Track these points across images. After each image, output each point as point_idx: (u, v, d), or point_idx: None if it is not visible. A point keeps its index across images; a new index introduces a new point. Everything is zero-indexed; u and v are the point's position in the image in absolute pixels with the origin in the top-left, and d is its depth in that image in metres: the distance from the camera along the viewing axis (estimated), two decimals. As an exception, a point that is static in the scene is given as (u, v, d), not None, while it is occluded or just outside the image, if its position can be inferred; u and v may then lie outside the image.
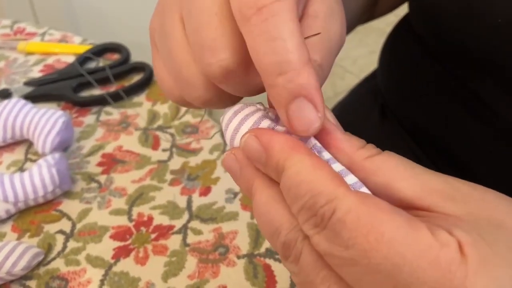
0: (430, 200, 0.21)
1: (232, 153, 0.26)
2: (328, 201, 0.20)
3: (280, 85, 0.22)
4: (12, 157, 0.54)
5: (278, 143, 0.23)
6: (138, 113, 0.58)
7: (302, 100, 0.22)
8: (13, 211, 0.47)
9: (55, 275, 0.43)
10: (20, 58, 0.68)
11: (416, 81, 0.47)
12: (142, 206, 0.48)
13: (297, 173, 0.22)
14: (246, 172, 0.25)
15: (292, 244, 0.23)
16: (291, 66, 0.22)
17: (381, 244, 0.19)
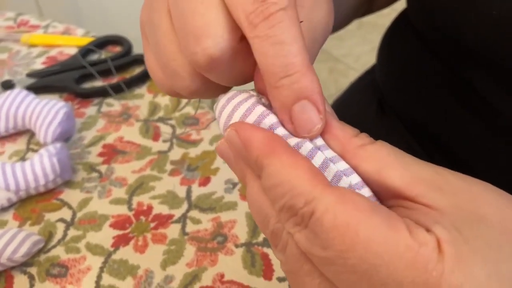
0: (417, 190, 0.22)
1: (225, 140, 0.26)
2: (306, 202, 0.21)
3: (285, 86, 0.23)
4: (14, 147, 0.54)
5: (256, 140, 0.23)
6: (139, 104, 0.59)
7: (305, 102, 0.23)
8: (14, 200, 0.47)
9: (56, 262, 0.43)
10: (23, 50, 0.68)
11: (414, 76, 0.47)
12: (142, 196, 0.48)
13: (274, 173, 0.22)
14: (238, 161, 0.25)
15: (279, 234, 0.23)
16: (296, 68, 0.22)
17: (357, 244, 0.19)
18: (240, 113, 0.25)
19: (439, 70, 0.43)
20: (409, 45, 0.48)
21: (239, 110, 0.25)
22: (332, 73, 2.00)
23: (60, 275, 0.42)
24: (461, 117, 0.41)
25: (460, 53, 0.40)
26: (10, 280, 0.42)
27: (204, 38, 0.24)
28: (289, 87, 0.23)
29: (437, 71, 0.43)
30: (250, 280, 0.41)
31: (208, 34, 0.24)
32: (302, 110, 0.23)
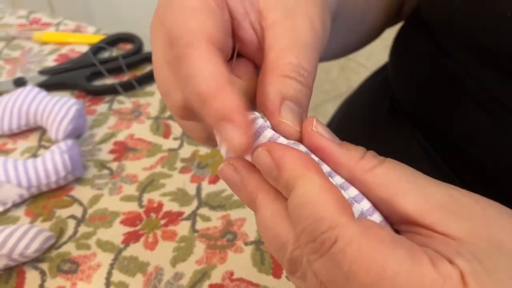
0: (432, 217, 0.21)
1: (230, 163, 0.25)
2: (329, 228, 0.20)
3: (204, 114, 0.24)
4: (26, 144, 0.55)
5: (290, 160, 0.23)
6: (150, 102, 0.59)
7: (224, 124, 0.23)
8: (26, 196, 0.48)
9: (66, 259, 0.44)
10: (36, 48, 0.69)
11: (425, 75, 0.47)
12: (153, 193, 0.49)
13: (304, 194, 0.21)
14: (248, 184, 0.25)
15: (299, 261, 0.23)
16: (205, 95, 0.23)
17: (383, 279, 0.19)
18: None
19: (451, 69, 0.43)
20: (421, 44, 0.48)
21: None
22: (343, 71, 2.00)
23: (71, 271, 0.43)
24: (472, 115, 0.41)
25: (472, 53, 0.40)
26: (22, 276, 0.42)
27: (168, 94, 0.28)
28: (207, 115, 0.24)
29: (448, 70, 0.43)
30: (259, 278, 0.41)
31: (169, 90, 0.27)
32: (223, 131, 0.23)
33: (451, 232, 0.21)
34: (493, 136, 0.40)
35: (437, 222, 0.21)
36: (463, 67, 0.41)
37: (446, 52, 0.43)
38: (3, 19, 0.75)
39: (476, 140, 0.41)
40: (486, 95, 0.39)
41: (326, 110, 1.81)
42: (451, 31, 0.42)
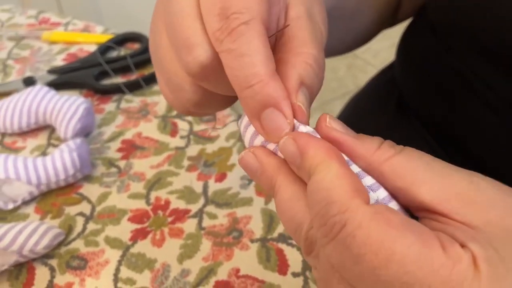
0: (450, 206, 0.21)
1: (250, 151, 0.27)
2: (339, 211, 0.21)
3: (249, 97, 0.24)
4: (36, 142, 0.55)
5: (313, 148, 0.23)
6: (157, 101, 0.60)
7: (271, 110, 0.24)
8: (36, 193, 0.49)
9: (75, 255, 0.44)
10: (45, 47, 0.70)
11: (431, 73, 0.47)
12: (160, 191, 0.49)
13: (321, 180, 0.22)
14: (268, 169, 0.26)
15: (314, 241, 0.23)
16: (257, 79, 0.24)
17: (391, 262, 0.19)
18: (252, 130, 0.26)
19: (457, 68, 0.43)
20: (427, 43, 0.48)
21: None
22: (350, 69, 2.00)
23: (79, 268, 0.43)
24: (478, 115, 0.41)
25: (477, 53, 0.40)
26: (32, 271, 0.43)
27: (193, 47, 0.25)
28: (252, 98, 0.24)
29: (454, 69, 0.43)
30: (265, 275, 0.41)
31: (196, 43, 0.25)
32: (269, 118, 0.24)
33: (468, 221, 0.21)
34: (500, 135, 0.40)
35: (455, 211, 0.21)
36: (469, 66, 0.41)
37: (452, 51, 0.43)
38: (12, 19, 0.76)
39: (483, 139, 0.41)
40: (492, 95, 0.39)
41: (333, 108, 1.81)
42: (456, 32, 0.42)
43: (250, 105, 0.24)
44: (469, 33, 0.40)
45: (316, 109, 1.82)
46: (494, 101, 0.39)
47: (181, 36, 0.26)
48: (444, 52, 0.44)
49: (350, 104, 0.66)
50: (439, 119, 0.46)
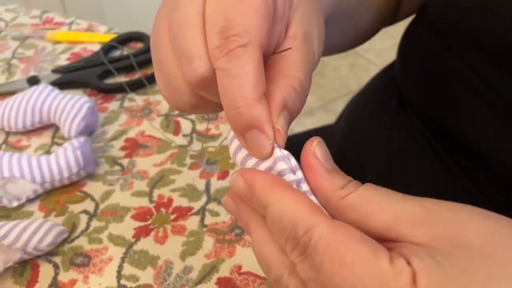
0: (397, 230, 0.23)
1: (229, 196, 0.29)
2: (306, 230, 0.23)
3: (234, 117, 0.25)
4: (40, 141, 0.56)
5: (259, 181, 0.25)
6: (160, 99, 0.60)
7: (255, 132, 0.26)
8: (40, 191, 0.49)
9: (79, 252, 0.45)
10: (48, 47, 0.70)
11: (432, 72, 0.47)
12: (163, 189, 0.50)
13: (277, 208, 0.24)
14: (242, 213, 0.28)
15: (280, 280, 0.25)
16: (244, 101, 0.25)
17: (343, 267, 0.21)
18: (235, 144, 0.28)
19: (457, 67, 0.43)
20: (428, 42, 0.48)
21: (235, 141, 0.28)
22: (353, 68, 2.00)
23: (83, 265, 0.44)
24: (479, 114, 0.41)
25: (478, 52, 0.40)
26: (36, 268, 0.44)
27: (193, 59, 0.26)
28: (238, 118, 0.25)
29: (455, 68, 0.43)
30: (267, 272, 0.42)
31: (197, 55, 0.26)
32: (253, 138, 0.26)
33: (416, 241, 0.22)
34: (501, 134, 0.40)
35: (403, 234, 0.23)
36: (470, 66, 0.41)
37: (453, 51, 0.43)
38: (17, 19, 0.77)
39: (484, 138, 0.41)
40: (493, 94, 0.39)
41: (336, 108, 1.81)
42: (456, 32, 0.42)
43: (236, 124, 0.26)
44: (469, 33, 0.40)
45: (318, 109, 1.82)
46: (494, 100, 0.40)
47: (184, 45, 0.26)
48: (444, 51, 0.44)
49: (351, 104, 0.66)
50: (440, 118, 0.46)
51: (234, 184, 0.27)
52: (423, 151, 0.48)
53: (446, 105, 0.45)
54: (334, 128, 0.63)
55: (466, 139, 0.43)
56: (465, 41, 0.41)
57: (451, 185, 0.45)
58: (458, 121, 0.44)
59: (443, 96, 0.45)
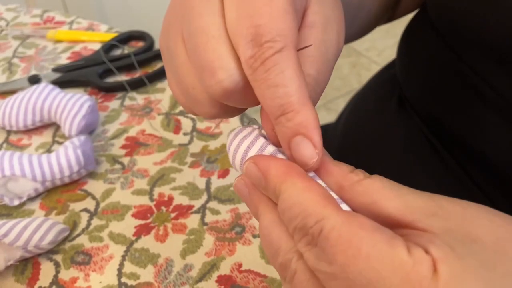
0: (412, 216, 0.22)
1: (241, 178, 0.28)
2: (317, 221, 0.22)
3: (282, 123, 0.25)
4: (41, 140, 0.56)
5: (274, 169, 0.25)
6: (160, 98, 0.60)
7: (301, 138, 0.24)
8: (41, 190, 0.49)
9: (80, 250, 0.45)
10: (49, 46, 0.70)
11: (432, 71, 0.47)
12: (163, 187, 0.50)
13: (289, 196, 0.23)
14: (252, 196, 0.27)
15: (288, 264, 0.24)
16: (291, 108, 0.24)
17: (357, 259, 0.20)
18: (244, 147, 0.28)
19: (458, 66, 0.43)
20: (427, 41, 0.48)
21: (243, 144, 0.28)
22: (355, 67, 2.00)
23: (84, 263, 0.44)
24: (479, 113, 0.41)
25: (479, 51, 0.40)
26: (37, 267, 0.44)
27: (217, 71, 0.25)
28: (285, 125, 0.24)
29: (455, 67, 0.43)
30: (267, 270, 0.42)
31: (221, 67, 0.25)
32: (298, 145, 0.25)
33: (428, 228, 0.22)
34: (502, 134, 0.40)
35: (417, 220, 0.22)
36: (470, 65, 0.41)
37: (453, 50, 0.43)
38: (18, 18, 0.77)
39: (484, 137, 0.41)
40: (493, 93, 0.39)
41: (338, 106, 1.81)
42: (456, 31, 0.42)
43: (282, 131, 0.25)
44: (468, 32, 0.40)
45: (320, 107, 1.82)
46: (494, 99, 0.39)
47: (205, 58, 0.25)
48: (445, 50, 0.44)
49: (352, 102, 0.66)
50: (440, 117, 0.46)
51: (248, 172, 0.26)
52: (423, 149, 0.48)
53: (446, 104, 0.45)
54: (335, 127, 0.63)
55: (466, 137, 0.43)
56: (465, 40, 0.41)
57: (450, 183, 0.45)
58: (457, 120, 0.44)
59: (443, 95, 0.45)
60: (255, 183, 0.26)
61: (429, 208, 0.23)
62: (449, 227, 0.22)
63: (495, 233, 0.21)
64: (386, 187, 0.24)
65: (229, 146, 0.29)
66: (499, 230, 0.21)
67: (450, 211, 0.22)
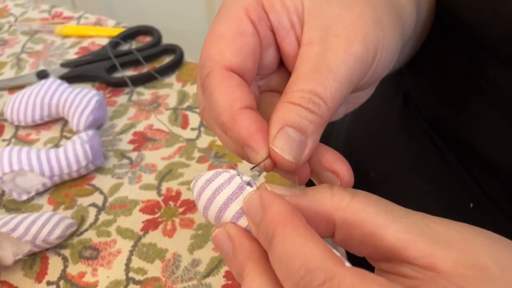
0: (417, 249, 0.21)
1: (224, 230, 0.25)
2: (327, 278, 0.19)
3: (232, 140, 0.26)
4: (49, 135, 0.56)
5: (276, 206, 0.22)
6: (168, 93, 0.60)
7: (246, 148, 0.25)
8: (49, 185, 0.49)
9: (88, 245, 0.45)
10: (57, 41, 0.70)
11: (436, 70, 0.47)
12: (171, 182, 0.50)
13: (290, 243, 0.20)
14: (239, 252, 0.24)
15: None
16: (224, 127, 0.25)
17: None
18: (223, 197, 0.25)
19: (463, 66, 0.42)
20: (433, 40, 0.48)
21: (222, 193, 0.25)
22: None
23: (91, 258, 0.44)
24: (484, 113, 0.41)
25: (484, 51, 0.40)
26: (45, 261, 0.44)
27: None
28: (229, 140, 0.26)
29: (460, 67, 0.43)
30: (275, 265, 0.42)
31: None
32: (248, 154, 0.25)
33: (437, 262, 0.21)
34: (506, 136, 0.40)
35: (422, 254, 0.21)
36: (475, 65, 0.41)
37: (458, 50, 0.43)
38: (26, 13, 0.77)
39: (488, 138, 0.41)
40: (498, 94, 0.39)
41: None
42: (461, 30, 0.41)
43: (231, 144, 0.27)
44: (474, 32, 0.39)
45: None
46: (499, 100, 0.39)
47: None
48: (450, 50, 0.44)
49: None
50: (444, 117, 0.46)
51: (249, 201, 0.24)
52: (426, 149, 0.47)
53: (450, 104, 0.44)
54: (339, 125, 0.63)
55: (470, 138, 0.43)
56: (470, 39, 0.41)
57: (453, 184, 0.44)
58: (462, 120, 0.43)
59: (447, 95, 0.45)
60: (250, 216, 0.23)
61: (428, 234, 0.21)
62: (455, 258, 0.20)
63: (499, 260, 0.21)
64: (380, 209, 0.22)
65: (200, 193, 0.25)
66: (503, 256, 0.21)
67: (448, 238, 0.21)
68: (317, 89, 0.25)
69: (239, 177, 0.25)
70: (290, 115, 0.25)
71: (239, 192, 0.25)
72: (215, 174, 0.26)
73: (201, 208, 0.26)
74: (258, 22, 0.28)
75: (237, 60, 0.26)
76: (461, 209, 0.43)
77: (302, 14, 0.28)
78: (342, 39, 0.26)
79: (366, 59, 0.26)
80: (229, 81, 0.26)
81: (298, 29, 0.28)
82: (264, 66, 0.29)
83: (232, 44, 0.26)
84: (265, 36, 0.28)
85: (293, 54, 0.28)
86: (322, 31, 0.27)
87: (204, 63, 0.26)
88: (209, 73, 0.26)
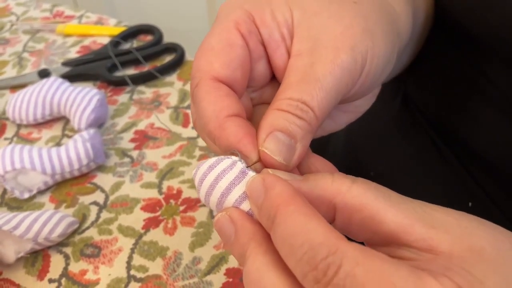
0: (415, 233, 0.21)
1: (227, 214, 0.25)
2: (329, 253, 0.19)
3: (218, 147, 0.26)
4: (50, 133, 0.56)
5: (279, 187, 0.22)
6: (169, 92, 0.60)
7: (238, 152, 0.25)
8: (50, 183, 0.49)
9: (89, 243, 0.45)
10: (59, 40, 0.71)
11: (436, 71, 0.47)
12: (172, 180, 0.50)
13: (293, 222, 0.21)
14: (241, 235, 0.24)
15: None
16: (212, 135, 0.26)
17: None
18: (225, 182, 0.25)
19: (462, 66, 0.42)
20: (432, 40, 0.48)
21: (224, 179, 0.25)
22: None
23: (93, 255, 0.44)
24: (483, 114, 0.41)
25: (483, 51, 0.40)
26: (47, 259, 0.44)
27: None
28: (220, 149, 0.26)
29: (460, 67, 0.43)
30: (275, 263, 0.42)
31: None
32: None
33: (435, 245, 0.21)
34: (506, 135, 0.40)
35: (420, 237, 0.21)
36: (475, 65, 0.41)
37: (458, 50, 0.43)
38: (27, 13, 0.77)
39: (488, 140, 0.41)
40: (498, 94, 0.39)
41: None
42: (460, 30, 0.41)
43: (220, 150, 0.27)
44: (473, 33, 0.39)
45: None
46: (499, 101, 0.39)
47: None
48: (449, 51, 0.44)
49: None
50: (444, 117, 0.46)
51: (252, 184, 0.24)
52: (426, 149, 0.47)
53: (450, 104, 0.45)
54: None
55: (470, 138, 0.43)
56: (469, 40, 0.41)
57: (454, 184, 0.44)
58: (461, 120, 0.43)
59: (447, 95, 0.45)
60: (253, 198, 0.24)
61: (426, 220, 0.22)
62: (452, 241, 0.21)
63: (495, 243, 0.21)
64: (379, 196, 0.22)
65: (202, 179, 0.25)
66: (498, 240, 0.21)
67: (446, 223, 0.22)
68: (304, 98, 0.26)
69: (240, 163, 0.25)
70: (279, 120, 0.25)
71: (241, 177, 0.25)
72: (217, 161, 0.25)
73: (202, 195, 0.26)
74: (248, 35, 0.28)
75: (226, 71, 0.27)
76: (460, 209, 0.43)
77: (292, 27, 0.28)
78: (329, 50, 0.26)
79: (353, 69, 0.27)
80: (217, 91, 0.26)
81: (289, 42, 0.28)
82: (256, 78, 0.30)
83: (221, 56, 0.27)
84: (256, 49, 0.29)
85: (283, 67, 0.28)
86: (311, 43, 0.27)
87: (194, 74, 0.27)
88: (198, 84, 0.27)
